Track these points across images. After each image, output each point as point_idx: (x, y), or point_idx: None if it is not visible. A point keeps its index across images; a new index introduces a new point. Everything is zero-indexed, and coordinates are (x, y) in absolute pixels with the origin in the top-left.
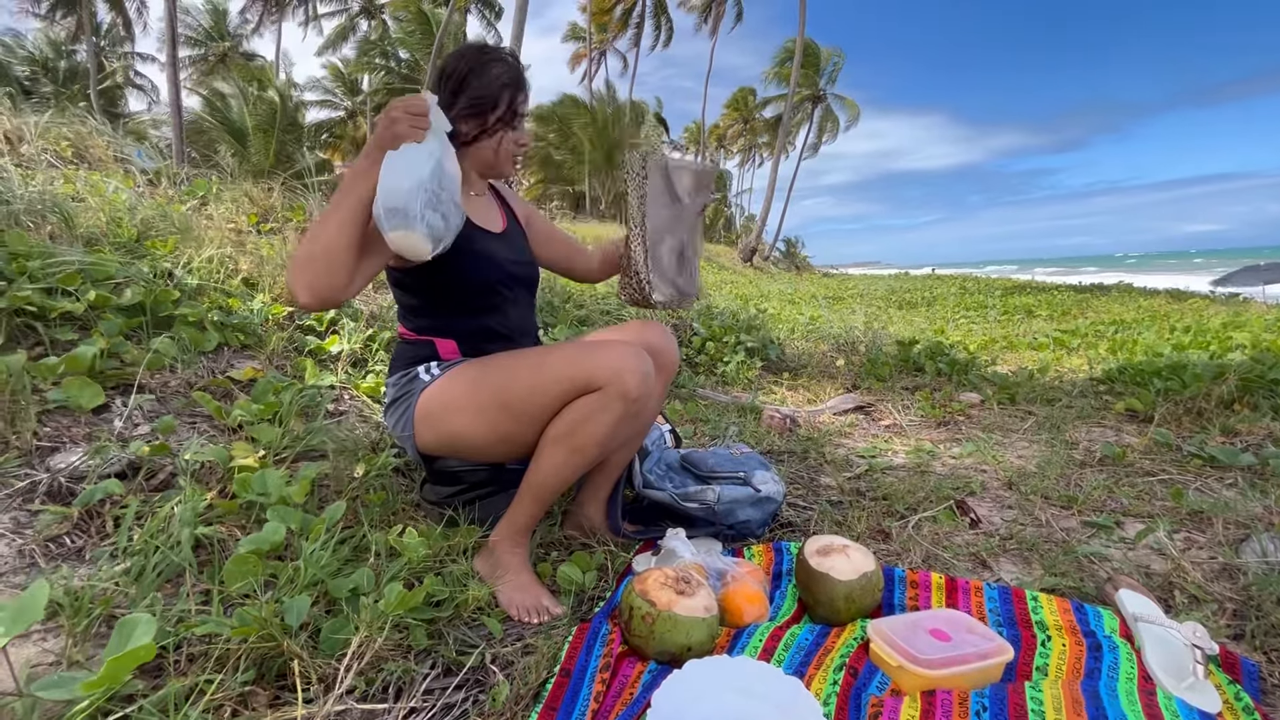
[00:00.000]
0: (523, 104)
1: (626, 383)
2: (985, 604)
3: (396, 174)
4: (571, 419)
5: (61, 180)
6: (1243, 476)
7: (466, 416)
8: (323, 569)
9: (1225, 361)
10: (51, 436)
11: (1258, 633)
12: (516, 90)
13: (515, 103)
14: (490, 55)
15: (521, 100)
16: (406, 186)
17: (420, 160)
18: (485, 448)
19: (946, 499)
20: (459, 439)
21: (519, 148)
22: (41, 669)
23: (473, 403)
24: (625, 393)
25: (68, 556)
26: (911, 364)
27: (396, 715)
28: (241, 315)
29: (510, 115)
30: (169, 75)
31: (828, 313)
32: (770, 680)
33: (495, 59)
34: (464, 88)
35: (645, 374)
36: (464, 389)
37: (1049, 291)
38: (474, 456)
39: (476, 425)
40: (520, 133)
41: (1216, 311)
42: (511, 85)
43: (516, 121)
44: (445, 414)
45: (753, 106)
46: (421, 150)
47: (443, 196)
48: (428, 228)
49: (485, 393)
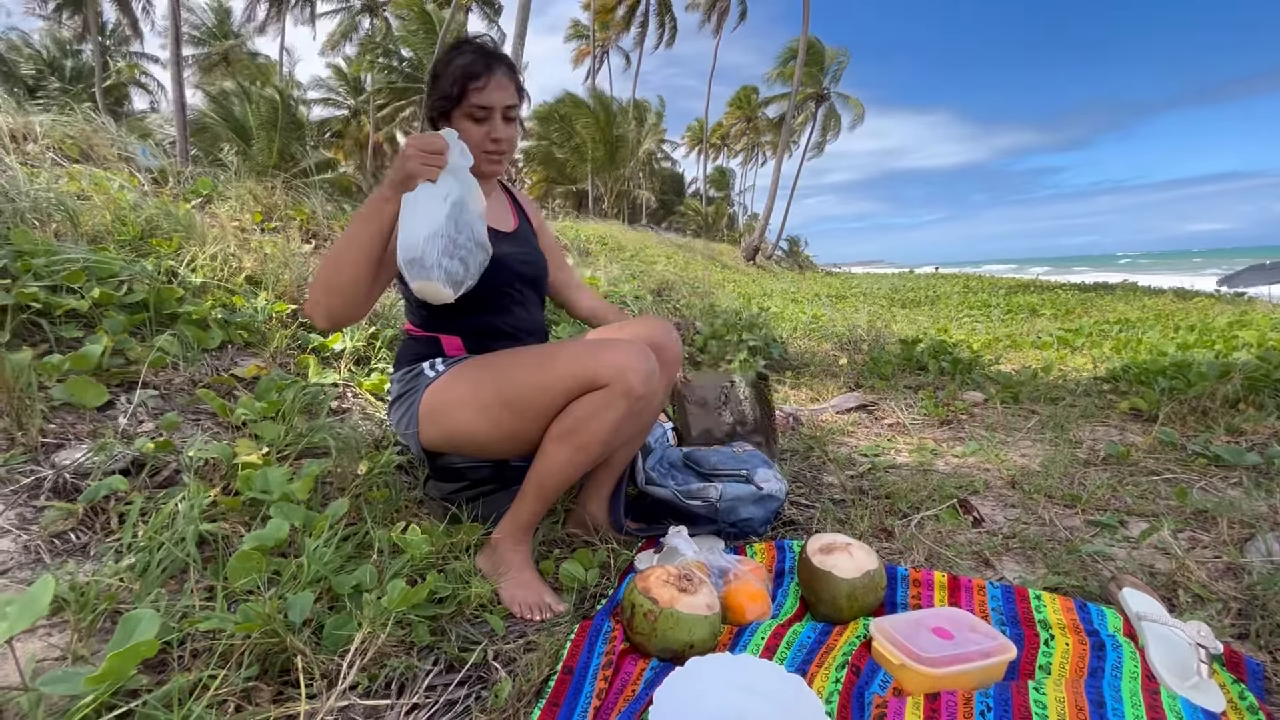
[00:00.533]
0: (482, 93)
1: (630, 381)
2: (988, 603)
3: (414, 221)
4: (575, 416)
5: (66, 178)
6: (1248, 476)
7: (470, 413)
8: (326, 566)
9: (1230, 361)
10: (57, 433)
11: (1262, 632)
12: (469, 79)
13: (467, 91)
14: (457, 48)
15: (478, 89)
16: (423, 235)
17: (436, 205)
18: (489, 444)
19: (949, 498)
20: (463, 435)
21: (493, 143)
22: (47, 664)
23: (476, 399)
24: (630, 390)
25: (73, 552)
26: (915, 363)
27: (399, 711)
28: (245, 313)
29: (465, 106)
30: (173, 73)
31: (830, 311)
32: (772, 678)
33: (460, 50)
34: (433, 84)
35: (649, 372)
36: (468, 386)
37: (1053, 290)
38: (478, 453)
39: (480, 422)
40: (491, 126)
41: (1222, 311)
42: (466, 75)
43: (476, 112)
44: (449, 410)
45: (755, 105)
46: (437, 192)
47: (460, 240)
48: (445, 274)
49: (489, 389)
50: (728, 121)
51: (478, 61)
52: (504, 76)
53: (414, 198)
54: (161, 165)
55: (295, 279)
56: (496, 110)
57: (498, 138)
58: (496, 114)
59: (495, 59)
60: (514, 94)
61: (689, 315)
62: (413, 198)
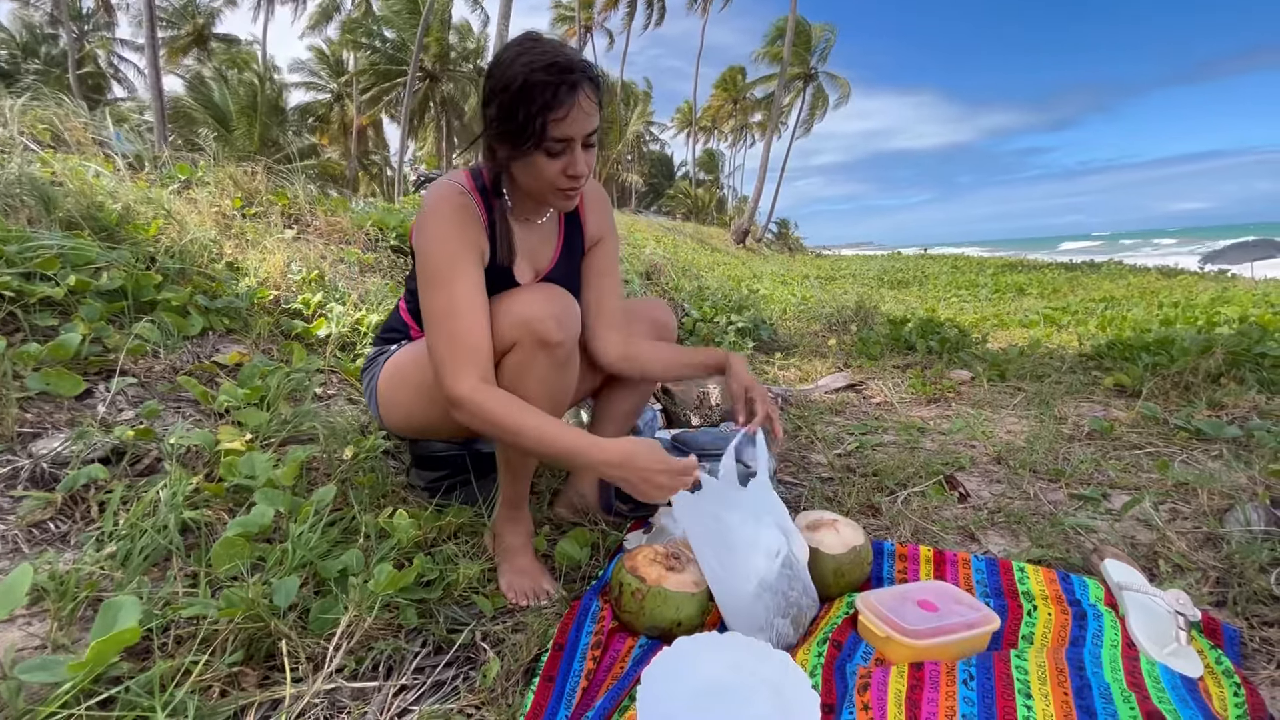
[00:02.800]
0: (562, 124)
1: (539, 330)
2: (973, 576)
3: (730, 569)
4: (505, 385)
5: (39, 164)
6: (1228, 448)
7: (409, 392)
8: (311, 551)
9: (1212, 336)
10: (33, 423)
11: (1239, 599)
12: (547, 111)
13: (546, 125)
14: (524, 58)
15: (558, 121)
16: (750, 590)
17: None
18: (439, 425)
19: (936, 474)
20: (414, 417)
21: (568, 179)
22: (27, 653)
23: (414, 379)
24: (543, 340)
25: (52, 542)
26: (903, 342)
27: (386, 693)
28: (227, 299)
29: (539, 137)
30: (148, 57)
31: (819, 293)
32: (759, 655)
33: (530, 66)
34: (497, 104)
35: (558, 314)
36: (407, 367)
37: (1040, 270)
38: (435, 435)
39: (420, 402)
40: (570, 160)
41: (1205, 288)
42: (545, 107)
43: (553, 147)
44: (394, 393)
45: (742, 86)
46: (757, 542)
47: (793, 597)
48: (777, 636)
49: (422, 368)
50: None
51: (559, 88)
52: (587, 98)
53: (715, 533)
54: (138, 150)
55: (277, 264)
56: (577, 140)
57: (576, 173)
58: (576, 144)
59: (576, 77)
60: (596, 115)
61: (678, 298)
62: (711, 533)
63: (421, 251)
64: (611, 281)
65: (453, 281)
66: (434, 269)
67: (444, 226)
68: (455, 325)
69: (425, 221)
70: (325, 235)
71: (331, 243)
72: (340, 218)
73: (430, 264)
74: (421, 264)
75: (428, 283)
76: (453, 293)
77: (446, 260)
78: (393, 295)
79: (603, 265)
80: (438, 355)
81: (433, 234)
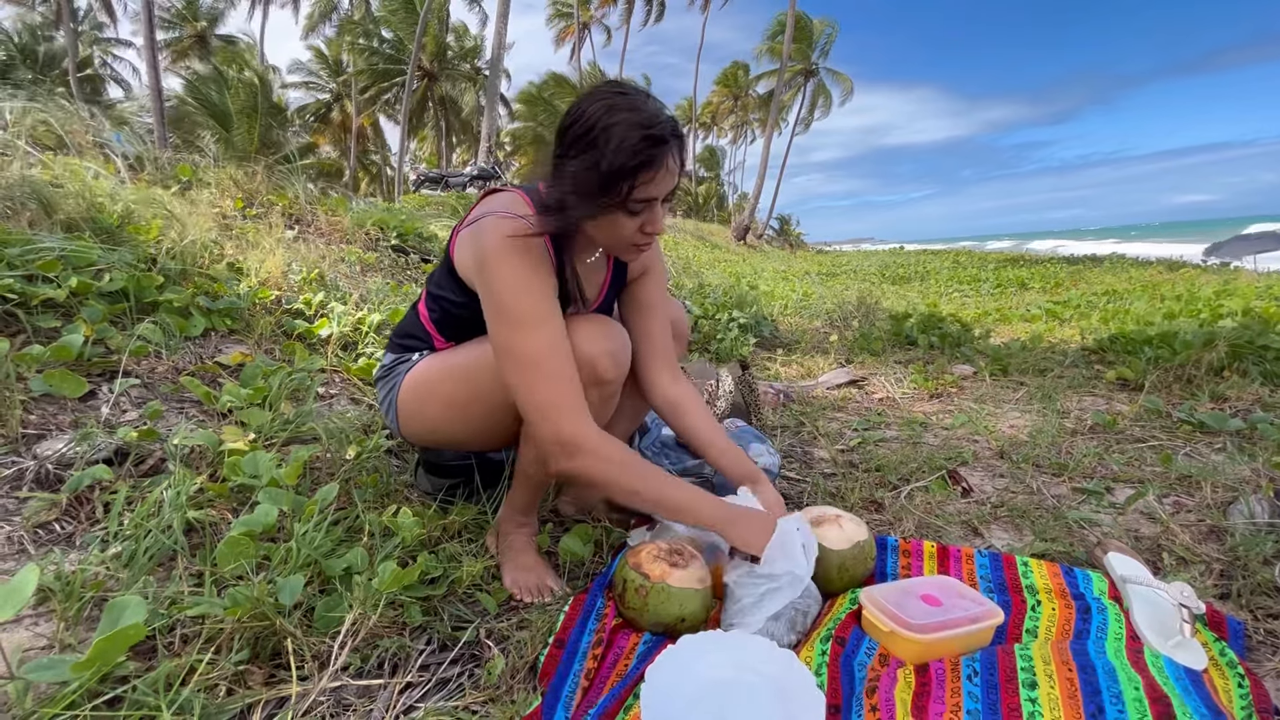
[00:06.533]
0: (650, 185)
1: (597, 369)
2: (976, 570)
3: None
4: None
5: (39, 166)
6: (1231, 441)
7: (439, 407)
8: (316, 549)
9: (1215, 329)
10: (37, 424)
11: (1243, 591)
12: (641, 171)
13: (635, 185)
14: (616, 110)
15: (646, 183)
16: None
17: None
18: (465, 439)
19: (939, 469)
20: (439, 430)
21: (645, 236)
22: (33, 653)
23: (443, 393)
24: (597, 379)
25: (57, 542)
26: (904, 338)
27: (392, 691)
28: (228, 300)
29: (624, 199)
30: (147, 58)
31: (821, 289)
32: (764, 653)
33: (623, 122)
34: (572, 153)
35: (614, 352)
36: (436, 381)
37: (1042, 264)
38: (457, 447)
39: (451, 417)
40: (649, 218)
41: (1208, 281)
42: (639, 167)
43: (635, 206)
44: (421, 406)
45: (744, 83)
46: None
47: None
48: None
49: (458, 384)
50: (715, 99)
51: (654, 148)
52: (673, 158)
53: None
54: (138, 152)
55: (278, 265)
56: (659, 199)
57: (654, 230)
58: (658, 203)
59: (668, 135)
60: (679, 173)
61: (679, 295)
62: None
63: (504, 289)
64: (662, 313)
65: (548, 322)
66: (525, 309)
67: (524, 267)
68: (561, 368)
69: (501, 258)
70: (326, 235)
71: (332, 242)
72: (340, 218)
73: (520, 304)
74: (505, 303)
75: (518, 323)
76: (552, 335)
77: (535, 301)
78: (394, 294)
79: (654, 297)
80: (543, 398)
81: (515, 273)
